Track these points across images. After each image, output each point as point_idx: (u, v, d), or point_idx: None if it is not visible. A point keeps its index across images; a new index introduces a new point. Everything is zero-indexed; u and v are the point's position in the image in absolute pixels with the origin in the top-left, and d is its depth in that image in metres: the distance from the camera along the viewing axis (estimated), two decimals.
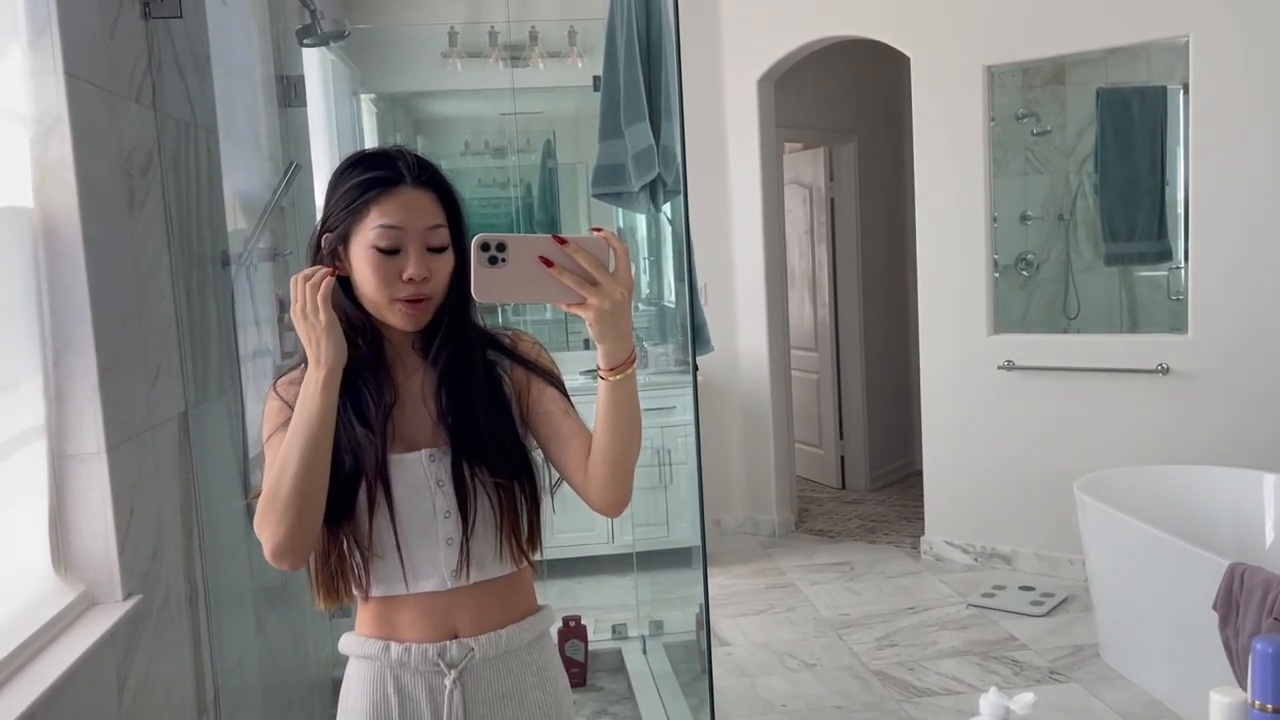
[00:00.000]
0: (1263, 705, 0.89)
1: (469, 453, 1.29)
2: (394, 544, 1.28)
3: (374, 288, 1.25)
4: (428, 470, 1.29)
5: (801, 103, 5.49)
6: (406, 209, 1.24)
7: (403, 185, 1.25)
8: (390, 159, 1.27)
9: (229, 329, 2.39)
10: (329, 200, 1.29)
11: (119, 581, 1.67)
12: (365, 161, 1.28)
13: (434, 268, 1.26)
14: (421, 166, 1.28)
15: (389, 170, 1.26)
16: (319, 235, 1.29)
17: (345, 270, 1.27)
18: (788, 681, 3.54)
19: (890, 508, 5.65)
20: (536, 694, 1.36)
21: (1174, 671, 3.19)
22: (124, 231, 1.78)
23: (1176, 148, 4.31)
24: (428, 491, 1.29)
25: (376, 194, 1.24)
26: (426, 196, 1.26)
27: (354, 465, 1.27)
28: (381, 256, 1.24)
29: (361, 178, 1.26)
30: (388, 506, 1.28)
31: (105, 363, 1.64)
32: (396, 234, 1.24)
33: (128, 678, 1.65)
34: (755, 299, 5.16)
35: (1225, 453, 3.84)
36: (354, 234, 1.25)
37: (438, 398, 1.31)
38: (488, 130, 5.04)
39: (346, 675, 1.37)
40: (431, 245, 1.26)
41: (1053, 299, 4.72)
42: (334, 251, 1.28)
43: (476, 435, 1.30)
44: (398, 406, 1.31)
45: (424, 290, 1.25)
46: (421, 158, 1.30)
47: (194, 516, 2.04)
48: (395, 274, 1.24)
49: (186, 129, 2.15)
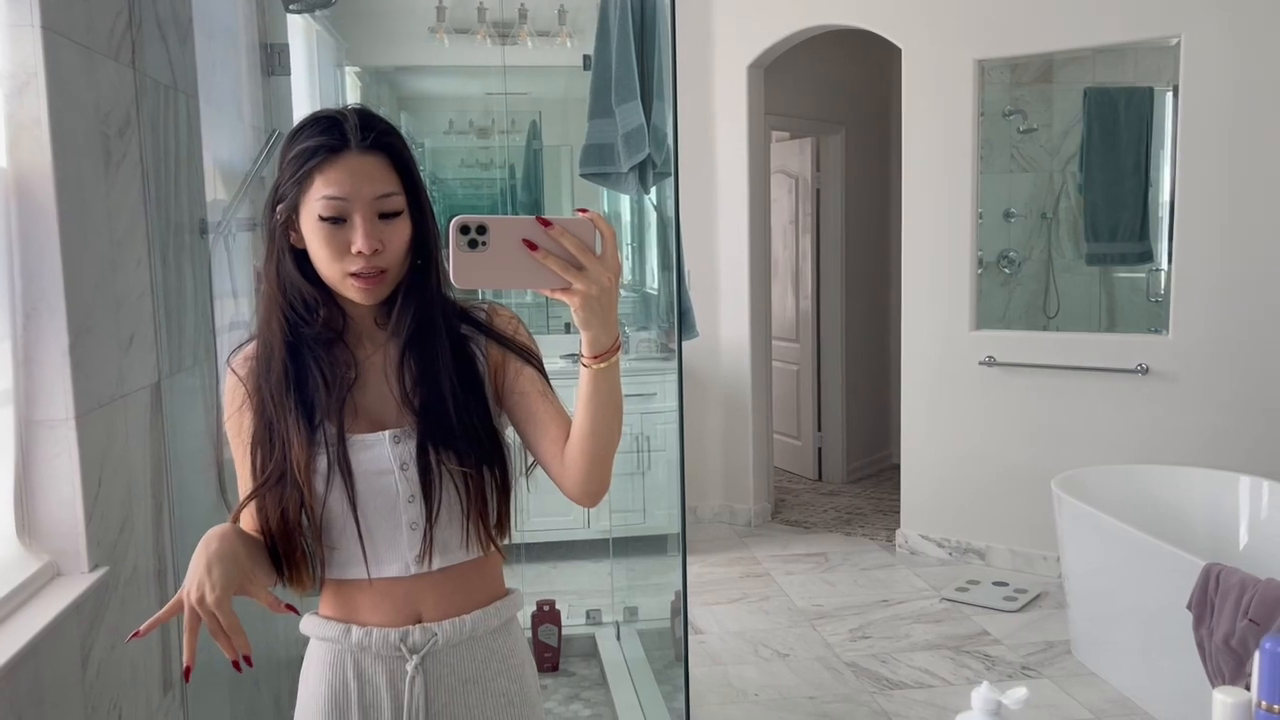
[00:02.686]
0: (1269, 706, 0.87)
1: (435, 436, 1.23)
2: (354, 528, 1.23)
3: (325, 262, 1.19)
4: (391, 452, 1.23)
5: (790, 91, 5.46)
6: (352, 177, 1.17)
7: (346, 151, 1.17)
8: (336, 122, 1.19)
9: (206, 299, 2.33)
10: (280, 167, 1.22)
11: (85, 552, 1.62)
12: (311, 125, 1.20)
13: (387, 237, 1.18)
14: (367, 128, 1.19)
15: (333, 135, 1.18)
16: (272, 205, 1.22)
17: (300, 242, 1.21)
18: (760, 671, 3.53)
19: (866, 500, 5.66)
20: (501, 681, 1.32)
21: (1145, 670, 3.21)
22: (99, 193, 1.73)
23: (1161, 150, 4.32)
24: (391, 475, 1.23)
25: (319, 161, 1.17)
26: (375, 160, 1.18)
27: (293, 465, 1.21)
28: (329, 228, 1.17)
29: (304, 144, 1.18)
30: (348, 489, 1.22)
31: (76, 328, 1.59)
32: (342, 204, 1.16)
33: (92, 650, 1.61)
34: (739, 288, 5.14)
35: (1202, 454, 3.86)
36: (301, 204, 1.19)
37: (400, 375, 1.24)
38: (473, 109, 4.97)
39: (307, 656, 1.34)
40: (383, 212, 1.18)
41: (1033, 297, 4.73)
42: (287, 221, 1.21)
43: (443, 418, 1.23)
44: (359, 384, 1.26)
45: (377, 263, 1.18)
46: (370, 116, 1.22)
47: (165, 489, 2.00)
48: (344, 246, 1.17)
49: (166, 91, 2.10)
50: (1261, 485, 3.55)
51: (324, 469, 1.22)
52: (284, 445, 1.22)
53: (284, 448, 1.22)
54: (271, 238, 1.23)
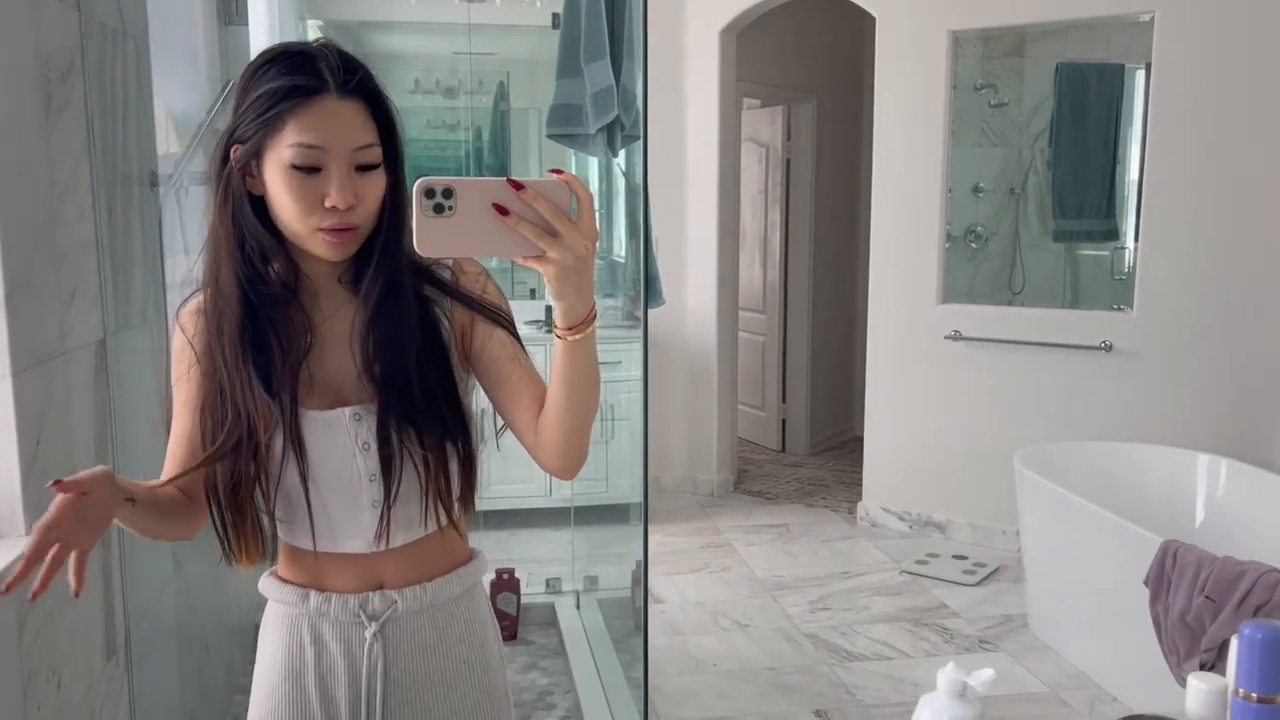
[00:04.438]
0: (1247, 693, 0.85)
1: (397, 412, 1.15)
2: (306, 506, 1.17)
3: (292, 215, 1.09)
4: (351, 430, 1.16)
5: (763, 58, 5.39)
6: (330, 124, 1.07)
7: (325, 94, 1.07)
8: (311, 60, 1.08)
9: (155, 254, 2.25)
10: (239, 104, 1.10)
11: (22, 515, 1.56)
12: (281, 60, 1.09)
13: (362, 191, 1.09)
14: (349, 70, 1.09)
15: (309, 76, 1.07)
16: (226, 145, 1.11)
17: (258, 188, 1.11)
18: (720, 641, 3.53)
19: (829, 472, 5.67)
20: (462, 648, 1.28)
21: (1100, 644, 3.24)
22: (39, 139, 1.65)
23: (1130, 128, 4.32)
24: (351, 455, 1.17)
25: (294, 104, 1.06)
26: (354, 107, 1.09)
27: (250, 435, 1.14)
28: (300, 177, 1.07)
29: (276, 83, 1.07)
30: (299, 468, 1.15)
31: (12, 279, 1.52)
32: (317, 154, 1.07)
33: (28, 618, 1.55)
34: (706, 257, 5.10)
35: (1164, 431, 3.89)
36: (267, 149, 1.08)
37: (364, 344, 1.16)
38: (439, 69, 4.87)
39: (264, 617, 1.29)
40: (360, 164, 1.09)
41: (999, 272, 4.73)
42: (244, 166, 1.10)
43: (406, 392, 1.15)
44: (315, 352, 1.17)
45: (350, 219, 1.09)
46: (349, 57, 1.11)
47: (110, 450, 1.93)
48: (317, 199, 1.08)
49: (115, 35, 2.00)
50: (1219, 463, 3.58)
51: (279, 446, 1.15)
52: (238, 415, 1.14)
53: (238, 417, 1.14)
54: (224, 182, 1.12)
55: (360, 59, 1.13)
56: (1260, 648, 0.84)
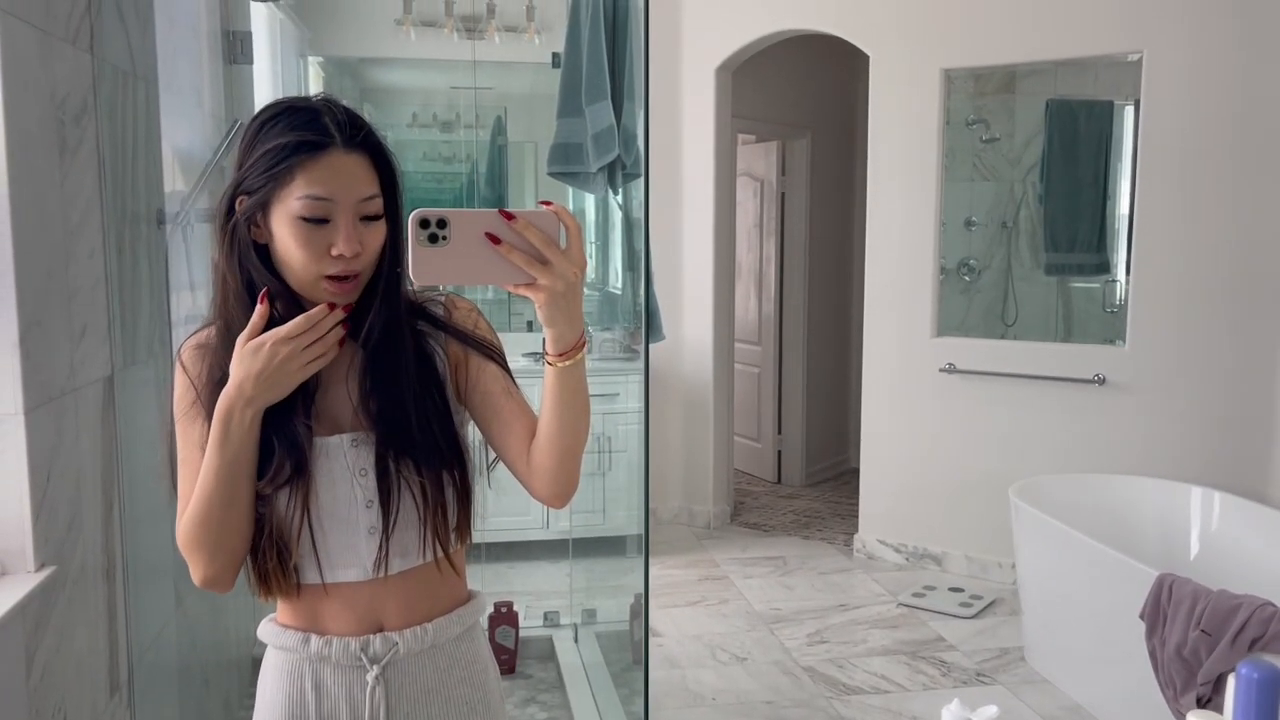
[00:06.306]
0: None
1: (393, 444, 1.20)
2: (309, 533, 1.19)
3: (300, 263, 1.13)
4: (349, 456, 1.20)
5: (758, 95, 5.46)
6: (337, 177, 1.11)
7: (332, 149, 1.12)
8: (317, 115, 1.13)
9: (162, 291, 2.28)
10: (245, 157, 1.14)
11: (31, 551, 1.57)
12: (288, 116, 1.13)
13: (366, 240, 1.14)
14: (354, 125, 1.14)
15: (317, 131, 1.12)
16: (232, 196, 1.15)
17: (262, 237, 1.16)
18: (718, 675, 3.53)
19: (825, 504, 5.68)
20: (464, 689, 1.29)
21: (1096, 677, 3.24)
22: (53, 180, 1.68)
23: (1120, 163, 4.38)
24: (349, 480, 1.20)
25: (303, 159, 1.10)
26: (359, 161, 1.14)
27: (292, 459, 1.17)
28: (309, 228, 1.11)
29: (285, 139, 1.11)
30: (302, 494, 1.18)
31: (27, 319, 1.54)
32: (325, 205, 1.11)
33: (36, 652, 1.56)
34: (703, 289, 5.14)
35: (1157, 464, 3.92)
36: (275, 201, 1.12)
37: (362, 381, 1.20)
38: (437, 103, 4.92)
39: (264, 663, 1.30)
40: (364, 215, 1.14)
41: (991, 305, 4.78)
42: (250, 217, 1.14)
43: (403, 425, 1.19)
44: (318, 386, 1.21)
45: (354, 266, 1.14)
46: (353, 113, 1.16)
47: (115, 485, 1.94)
48: (324, 248, 1.12)
49: (125, 78, 2.04)
50: (1213, 496, 3.61)
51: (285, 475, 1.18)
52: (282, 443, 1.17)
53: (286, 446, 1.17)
54: (229, 232, 1.16)
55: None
56: (1257, 687, 0.86)
